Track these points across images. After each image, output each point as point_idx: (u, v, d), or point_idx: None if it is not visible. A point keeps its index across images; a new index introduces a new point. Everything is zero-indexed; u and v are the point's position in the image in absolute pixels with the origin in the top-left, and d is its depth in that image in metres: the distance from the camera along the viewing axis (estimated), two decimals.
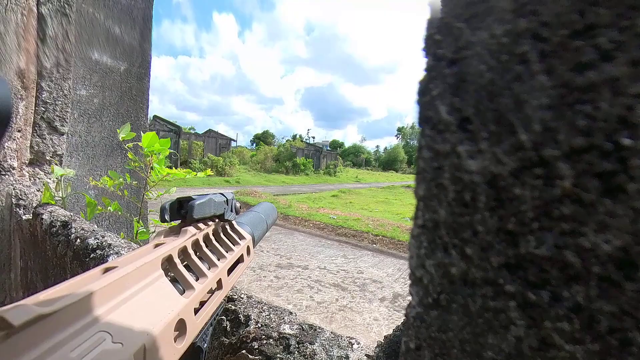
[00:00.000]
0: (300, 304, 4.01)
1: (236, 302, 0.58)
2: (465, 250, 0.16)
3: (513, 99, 0.14)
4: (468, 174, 0.16)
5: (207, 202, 0.38)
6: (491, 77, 0.15)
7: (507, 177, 0.14)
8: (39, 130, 1.44)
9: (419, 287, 0.19)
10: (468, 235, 0.16)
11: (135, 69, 2.78)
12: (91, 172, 2.44)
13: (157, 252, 0.29)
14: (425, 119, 0.18)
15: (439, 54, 0.17)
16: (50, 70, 1.45)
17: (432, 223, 0.18)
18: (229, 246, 0.43)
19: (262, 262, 5.33)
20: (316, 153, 31.00)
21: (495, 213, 0.15)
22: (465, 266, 0.16)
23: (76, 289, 0.20)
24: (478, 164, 0.15)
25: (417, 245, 0.19)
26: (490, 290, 0.15)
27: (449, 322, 0.17)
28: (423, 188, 0.18)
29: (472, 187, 0.16)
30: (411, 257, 0.19)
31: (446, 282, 0.17)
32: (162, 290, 0.26)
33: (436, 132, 0.17)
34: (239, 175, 19.73)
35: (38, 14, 1.38)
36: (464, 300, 0.16)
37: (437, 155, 0.17)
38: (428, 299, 0.18)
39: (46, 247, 0.94)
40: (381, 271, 5.51)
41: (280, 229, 7.88)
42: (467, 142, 0.16)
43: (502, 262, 0.15)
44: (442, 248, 0.17)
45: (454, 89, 0.16)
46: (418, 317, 0.19)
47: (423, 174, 0.18)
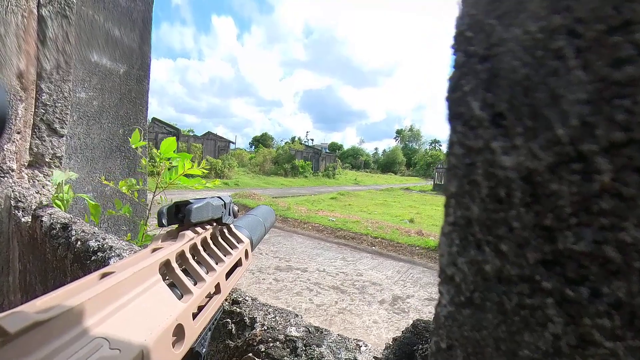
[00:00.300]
0: (300, 306, 3.99)
1: (241, 305, 0.57)
2: (499, 246, 0.16)
3: (549, 93, 0.14)
4: (502, 170, 0.15)
5: (205, 206, 0.38)
6: (526, 72, 0.15)
7: (543, 172, 0.14)
8: (38, 132, 1.43)
9: (451, 285, 0.18)
10: (503, 231, 0.16)
11: (135, 71, 2.78)
12: (90, 174, 2.43)
13: (155, 257, 0.28)
14: (456, 115, 0.18)
15: (471, 51, 0.17)
16: (50, 72, 1.45)
17: (464, 220, 0.17)
18: (227, 250, 0.42)
19: (261, 265, 5.31)
20: (315, 155, 31.04)
21: (532, 209, 0.15)
22: (499, 263, 0.16)
23: (73, 295, 0.20)
24: (513, 159, 0.15)
25: (449, 242, 0.18)
26: (527, 288, 0.15)
27: (482, 321, 0.17)
28: (455, 185, 0.18)
29: (507, 183, 0.15)
30: (442, 255, 0.19)
31: (480, 280, 0.17)
32: (159, 295, 0.26)
33: (468, 128, 0.17)
34: (237, 178, 19.72)
35: (38, 16, 1.38)
36: (498, 298, 0.16)
37: (469, 151, 0.17)
38: (460, 297, 0.18)
39: (46, 250, 0.93)
40: (380, 274, 5.51)
41: (279, 231, 7.87)
42: (501, 137, 0.16)
43: (538, 258, 0.14)
44: (475, 245, 0.17)
45: (487, 85, 0.16)
46: (450, 316, 0.18)
47: (454, 171, 0.18)
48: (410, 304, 4.37)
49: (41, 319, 0.17)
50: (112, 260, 0.68)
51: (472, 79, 0.17)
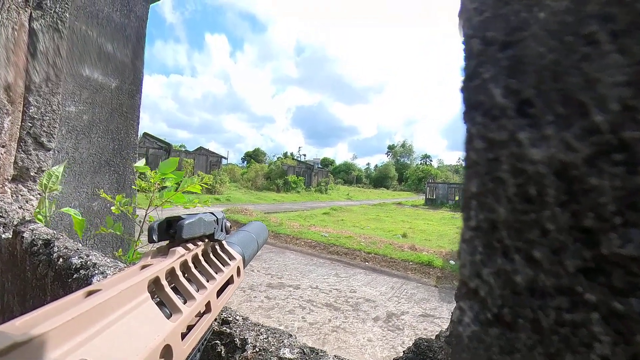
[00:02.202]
0: (292, 325, 3.88)
1: (231, 325, 0.54)
2: (531, 253, 0.14)
3: (583, 77, 0.12)
4: (532, 165, 0.14)
5: (197, 221, 0.37)
6: (555, 57, 0.13)
7: (580, 165, 0.13)
8: (24, 146, 1.39)
9: (474, 300, 0.16)
10: (535, 235, 0.14)
11: (127, 85, 2.77)
12: (77, 189, 2.37)
13: (144, 274, 0.27)
14: (475, 105, 0.16)
15: (489, 37, 0.15)
16: (39, 85, 1.42)
17: (488, 224, 0.15)
18: (218, 267, 0.41)
19: (252, 282, 5.19)
20: (307, 171, 31.08)
21: (568, 208, 0.13)
22: (532, 273, 0.14)
23: (56, 314, 0.19)
24: (543, 152, 0.13)
25: (470, 250, 0.16)
26: (566, 301, 0.13)
27: (514, 342, 0.14)
28: (476, 184, 0.16)
29: (538, 179, 0.14)
30: (463, 266, 0.17)
31: (509, 294, 0.15)
32: (147, 314, 0.25)
33: (490, 119, 0.15)
34: (229, 193, 19.52)
35: (30, 29, 1.36)
36: (533, 314, 0.14)
37: (492, 145, 0.15)
38: (486, 314, 0.15)
39: (25, 268, 0.88)
40: (374, 290, 5.42)
41: (271, 247, 7.75)
42: (529, 128, 0.14)
43: (579, 266, 0.13)
44: (502, 253, 0.15)
45: (510, 71, 0.15)
46: (474, 336, 0.16)
47: (475, 168, 0.16)
48: (405, 320, 4.29)
49: (21, 340, 0.16)
50: (95, 279, 0.65)
51: (492, 66, 0.15)
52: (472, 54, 0.16)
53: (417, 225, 13.11)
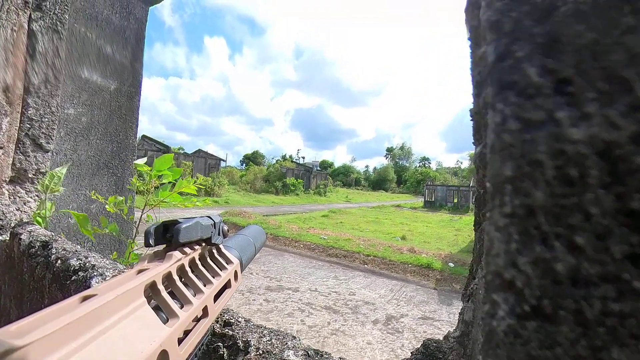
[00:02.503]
0: (291, 328, 3.85)
1: (233, 327, 0.53)
2: (574, 240, 0.13)
3: (626, 53, 0.12)
4: (572, 145, 0.13)
5: (194, 225, 0.37)
6: (594, 36, 0.12)
7: (624, 144, 0.12)
8: (22, 148, 1.38)
9: (510, 292, 0.15)
10: (577, 220, 0.13)
11: (126, 87, 2.76)
12: (75, 191, 2.36)
13: (140, 279, 0.27)
14: (508, 85, 0.15)
15: (523, 11, 0.15)
16: (38, 86, 1.42)
17: (524, 210, 0.14)
18: (215, 271, 0.41)
19: (251, 285, 5.16)
20: (306, 173, 31.08)
21: (613, 190, 0.12)
22: (574, 261, 0.13)
23: (51, 320, 0.19)
24: (584, 131, 0.13)
25: (505, 239, 0.15)
26: (612, 290, 0.12)
27: (555, 335, 0.13)
28: (510, 167, 0.15)
29: (579, 160, 0.13)
30: (497, 255, 0.16)
31: (549, 284, 0.14)
32: (144, 319, 0.25)
33: (524, 98, 0.14)
34: (228, 196, 19.48)
35: (29, 30, 1.36)
36: (576, 305, 0.13)
37: (528, 125, 0.14)
38: (524, 306, 0.14)
39: (23, 270, 0.87)
40: (373, 292, 5.41)
41: (270, 250, 7.73)
42: (568, 107, 0.13)
43: (626, 252, 0.12)
44: (541, 240, 0.14)
45: (546, 50, 0.14)
46: (510, 330, 0.15)
47: (509, 150, 0.15)
48: (405, 323, 4.28)
49: (16, 346, 0.15)
50: (93, 280, 0.64)
51: (526, 44, 0.14)
52: (502, 31, 0.15)
53: (416, 228, 13.11)
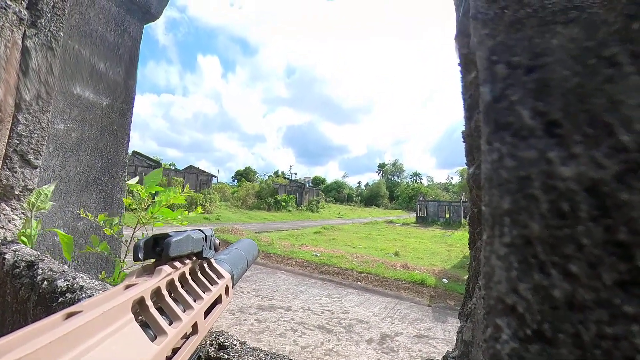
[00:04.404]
0: (283, 349, 3.74)
1: (228, 350, 0.52)
2: (568, 268, 0.14)
3: (607, 99, 0.13)
4: (562, 182, 0.14)
5: (185, 239, 0.36)
6: (579, 80, 0.14)
7: (610, 182, 0.13)
8: (9, 163, 1.36)
9: (512, 317, 0.16)
10: (571, 250, 0.14)
11: (118, 104, 2.76)
12: (62, 208, 2.30)
13: (128, 294, 0.26)
14: (503, 126, 0.16)
15: (514, 62, 0.16)
16: (30, 102, 1.40)
17: (522, 240, 0.15)
18: (206, 286, 0.40)
19: (242, 304, 5.03)
20: (298, 189, 31.03)
21: (601, 223, 0.13)
22: (570, 287, 0.14)
23: (33, 338, 0.18)
24: (573, 169, 0.14)
25: (506, 266, 0.16)
26: (606, 314, 0.13)
27: (556, 358, 0.14)
28: (508, 201, 0.16)
29: (570, 195, 0.14)
30: (498, 282, 0.17)
31: (547, 309, 0.14)
32: (131, 336, 0.24)
33: (519, 139, 0.16)
34: (219, 212, 19.24)
35: (23, 47, 1.36)
36: (573, 329, 0.14)
37: (522, 163, 0.16)
38: (526, 330, 0.15)
39: (5, 291, 0.84)
40: (367, 310, 5.32)
41: (262, 267, 7.59)
42: (558, 147, 0.14)
43: (616, 279, 0.13)
44: (539, 268, 0.15)
45: (537, 94, 0.15)
46: (514, 354, 0.15)
47: (507, 186, 0.16)
48: (399, 342, 4.20)
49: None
50: None
51: (519, 89, 0.16)
52: (498, 77, 0.17)
53: (409, 244, 13.09)
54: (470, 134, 0.32)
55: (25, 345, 0.17)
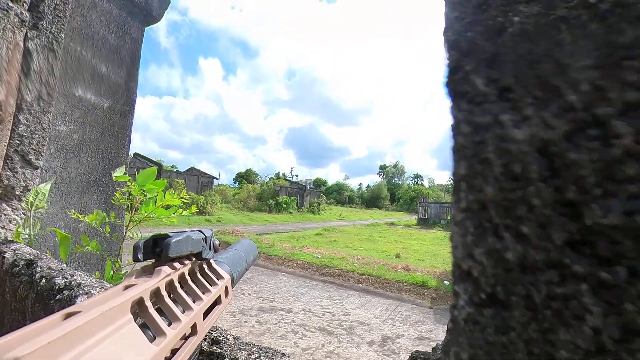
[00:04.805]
0: (284, 351, 3.73)
1: (221, 345, 0.52)
2: (520, 229, 0.14)
3: (555, 64, 0.14)
4: (515, 144, 0.15)
5: (184, 239, 0.37)
6: (529, 46, 0.14)
7: (559, 141, 0.13)
8: (10, 164, 1.37)
9: (468, 282, 0.16)
10: (522, 212, 0.14)
11: (120, 106, 2.77)
12: (63, 209, 2.31)
13: (127, 295, 0.26)
14: (459, 94, 0.17)
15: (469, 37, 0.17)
16: (31, 103, 1.42)
17: (478, 204, 0.16)
18: (205, 287, 0.40)
19: (243, 306, 5.02)
20: (300, 191, 31.03)
21: (551, 183, 0.13)
22: (522, 249, 0.14)
23: (31, 338, 0.18)
24: (525, 132, 0.14)
25: (462, 232, 0.16)
26: (556, 275, 0.13)
27: (509, 320, 0.14)
28: (464, 166, 0.16)
29: (522, 157, 0.14)
30: (455, 247, 0.17)
31: (501, 272, 0.15)
32: (129, 337, 0.24)
33: (474, 105, 0.16)
34: (220, 214, 19.26)
35: (24, 49, 1.38)
36: (525, 290, 0.14)
37: (477, 128, 0.16)
38: (480, 294, 0.15)
39: (5, 290, 0.84)
40: (368, 312, 5.30)
41: (262, 269, 7.58)
42: (510, 110, 0.15)
43: (565, 238, 0.13)
44: (493, 231, 0.15)
45: (489, 62, 0.16)
46: (470, 319, 0.16)
47: (463, 151, 0.17)
48: (401, 344, 4.18)
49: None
50: (79, 299, 0.62)
51: (473, 60, 0.16)
52: (453, 48, 0.17)
53: (410, 246, 13.06)
54: None
55: (24, 345, 0.17)
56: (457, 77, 0.17)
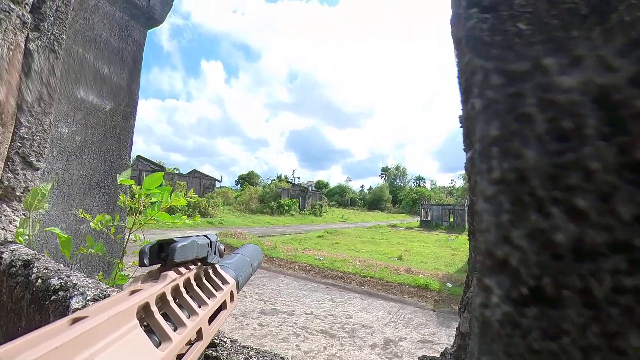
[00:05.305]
0: (286, 354, 3.70)
1: (218, 348, 0.51)
2: (574, 204, 0.11)
3: None
4: (564, 94, 0.11)
5: (190, 244, 0.37)
6: None
7: (623, 87, 0.10)
8: (11, 165, 1.36)
9: (504, 273, 0.12)
10: (577, 180, 0.11)
11: (122, 108, 2.78)
12: (65, 211, 2.31)
13: (133, 300, 0.27)
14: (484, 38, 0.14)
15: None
16: (32, 104, 1.41)
17: (515, 174, 0.12)
18: (211, 292, 0.40)
19: (244, 309, 5.00)
20: (301, 193, 31.02)
21: (614, 141, 0.10)
22: (576, 229, 0.11)
23: (39, 343, 0.18)
24: (576, 77, 0.11)
25: (495, 210, 0.13)
26: (624, 260, 0.10)
27: (560, 322, 0.11)
28: (496, 126, 0.13)
29: (573, 109, 0.11)
30: (486, 231, 0.13)
31: (548, 259, 0.11)
32: (135, 342, 0.24)
33: (506, 49, 0.13)
34: (222, 217, 19.26)
35: (25, 49, 1.37)
36: (582, 283, 0.11)
37: (512, 78, 0.12)
38: (521, 289, 0.12)
39: (2, 291, 0.83)
40: (371, 315, 5.26)
41: (264, 272, 7.56)
42: (555, 52, 0.11)
43: (635, 213, 0.10)
44: (537, 207, 0.12)
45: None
46: (507, 320, 0.12)
47: (494, 107, 0.13)
48: (403, 347, 4.14)
49: None
50: (73, 300, 0.61)
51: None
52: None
53: (413, 248, 13.00)
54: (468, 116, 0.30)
55: (31, 350, 0.17)
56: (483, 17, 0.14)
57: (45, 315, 0.63)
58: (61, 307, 0.59)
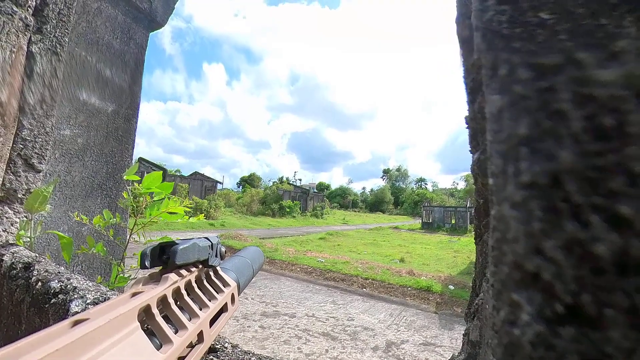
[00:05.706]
0: (288, 356, 3.68)
1: (219, 353, 0.50)
2: (617, 211, 0.10)
3: None
4: (602, 88, 0.10)
5: (191, 247, 0.37)
6: None
7: None
8: (13, 167, 1.36)
9: (535, 289, 0.11)
10: (619, 184, 0.10)
11: (124, 110, 2.78)
12: (67, 213, 2.31)
13: (134, 302, 0.26)
14: (508, 30, 0.12)
15: None
16: (34, 106, 1.42)
17: (548, 177, 0.11)
18: (212, 294, 0.40)
19: (246, 311, 4.99)
20: (303, 195, 31.02)
21: None
22: (620, 239, 0.10)
23: (40, 345, 0.18)
24: (616, 70, 0.10)
25: (524, 218, 0.11)
26: None
27: (602, 345, 0.10)
28: (526, 123, 0.12)
29: (614, 105, 0.10)
30: (514, 241, 0.12)
31: (588, 273, 0.10)
32: (136, 345, 0.24)
33: (535, 42, 0.12)
34: (224, 218, 19.27)
35: (28, 52, 1.38)
36: (627, 300, 0.09)
37: (543, 72, 0.11)
38: (555, 307, 0.11)
39: (2, 294, 0.83)
40: (372, 317, 5.24)
41: (266, 274, 7.55)
42: (591, 45, 0.10)
43: None
44: (573, 215, 0.10)
45: None
46: (540, 341, 0.11)
47: (523, 103, 0.12)
48: (405, 350, 4.11)
49: None
50: (73, 304, 0.60)
51: None
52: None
53: (415, 250, 12.96)
54: (474, 117, 0.29)
55: (33, 352, 0.17)
56: (501, 10, 0.13)
57: (45, 319, 0.63)
58: (61, 310, 0.58)
